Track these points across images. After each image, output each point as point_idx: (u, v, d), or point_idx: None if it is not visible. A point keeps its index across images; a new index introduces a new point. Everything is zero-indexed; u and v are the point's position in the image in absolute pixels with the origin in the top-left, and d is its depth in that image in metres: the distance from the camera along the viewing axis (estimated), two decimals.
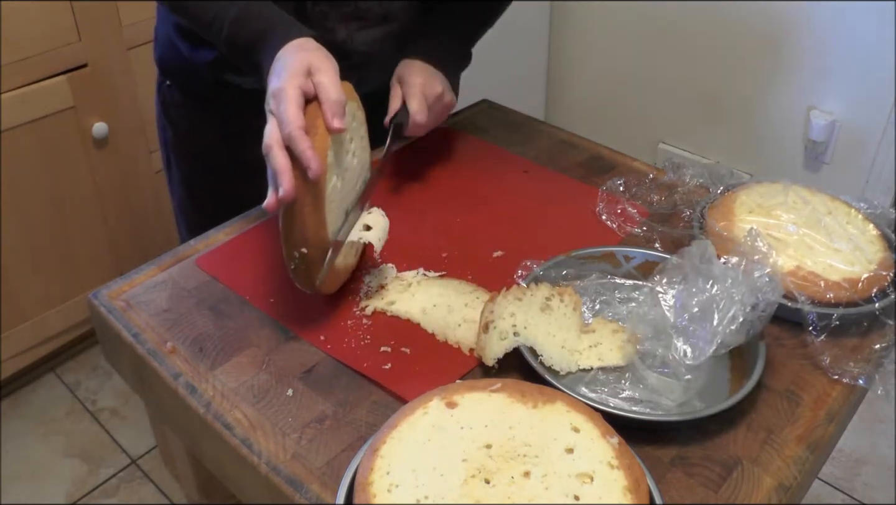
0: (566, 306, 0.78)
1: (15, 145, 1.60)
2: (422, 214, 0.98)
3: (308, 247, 0.76)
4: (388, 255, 0.90)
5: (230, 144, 1.08)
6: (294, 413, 0.72)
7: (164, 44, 1.11)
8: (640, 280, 0.85)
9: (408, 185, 1.04)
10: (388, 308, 0.83)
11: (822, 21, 1.95)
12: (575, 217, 0.98)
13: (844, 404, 0.75)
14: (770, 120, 2.16)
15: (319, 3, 0.97)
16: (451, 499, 0.57)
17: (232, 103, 1.07)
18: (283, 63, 0.79)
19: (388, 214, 0.85)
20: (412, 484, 0.58)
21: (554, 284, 0.80)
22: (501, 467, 0.59)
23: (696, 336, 0.73)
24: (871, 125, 1.99)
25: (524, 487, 0.58)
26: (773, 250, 0.77)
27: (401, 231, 0.93)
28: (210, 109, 1.11)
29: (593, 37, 2.42)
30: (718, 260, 0.75)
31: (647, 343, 0.75)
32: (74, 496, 1.70)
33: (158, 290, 0.86)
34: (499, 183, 1.05)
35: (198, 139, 1.15)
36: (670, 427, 0.71)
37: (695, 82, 2.25)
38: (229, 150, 1.09)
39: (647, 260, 0.86)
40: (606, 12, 2.34)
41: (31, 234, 1.71)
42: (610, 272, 0.87)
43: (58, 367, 1.98)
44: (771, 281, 0.73)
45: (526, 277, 0.83)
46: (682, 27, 2.20)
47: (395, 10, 1.02)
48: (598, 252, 0.87)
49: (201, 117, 1.12)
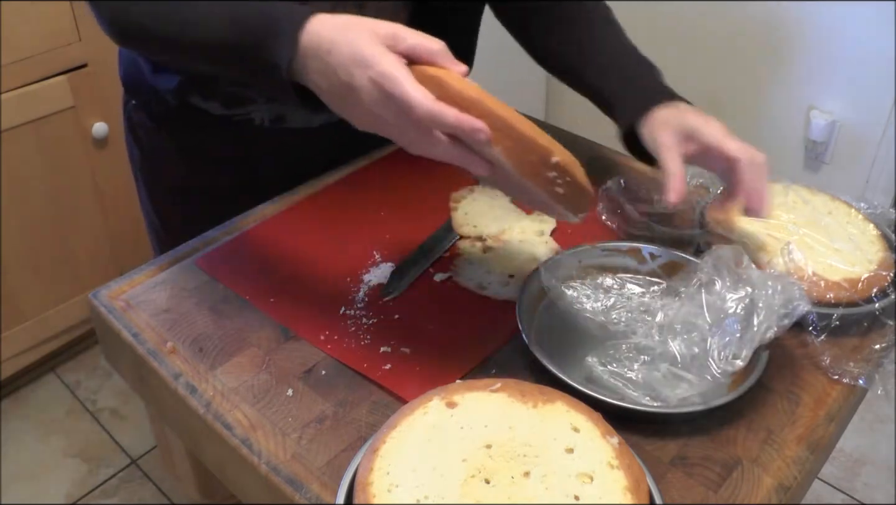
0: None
1: (15, 145, 1.61)
2: (422, 214, 0.98)
3: (555, 150, 0.63)
4: (388, 254, 0.90)
5: (198, 169, 1.04)
6: (294, 413, 0.72)
7: (128, 62, 1.03)
8: (664, 279, 0.84)
9: (406, 186, 1.04)
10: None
11: (822, 21, 1.95)
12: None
13: (844, 404, 0.75)
14: (770, 120, 2.15)
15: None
16: (450, 499, 0.57)
17: (199, 129, 1.00)
18: (345, 50, 0.62)
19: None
20: (412, 484, 0.58)
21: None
22: (501, 467, 0.59)
23: (734, 340, 0.72)
24: (871, 125, 1.99)
25: (524, 487, 0.58)
26: (808, 263, 0.79)
27: (401, 231, 0.94)
28: (175, 134, 1.04)
29: None
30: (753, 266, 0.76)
31: (680, 340, 0.75)
32: (74, 496, 1.70)
33: (158, 290, 0.86)
34: None
35: (163, 162, 1.07)
36: (673, 420, 0.71)
37: (695, 82, 2.24)
38: (196, 175, 1.04)
39: (671, 260, 0.86)
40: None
41: (31, 235, 1.71)
42: (633, 268, 0.87)
43: (58, 367, 1.99)
44: (802, 292, 0.74)
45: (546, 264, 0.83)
46: (682, 27, 2.20)
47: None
48: (623, 246, 0.87)
49: (167, 140, 1.05)
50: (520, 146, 0.62)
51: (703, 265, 0.78)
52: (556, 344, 0.78)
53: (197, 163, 1.03)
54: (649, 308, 0.79)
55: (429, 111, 0.58)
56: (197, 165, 1.04)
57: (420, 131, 0.61)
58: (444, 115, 0.58)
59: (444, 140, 0.60)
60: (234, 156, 1.03)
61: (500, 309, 0.83)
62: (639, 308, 0.80)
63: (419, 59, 0.62)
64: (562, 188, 0.65)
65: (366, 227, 0.95)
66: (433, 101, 0.59)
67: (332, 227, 0.95)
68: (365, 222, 0.96)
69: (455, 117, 0.59)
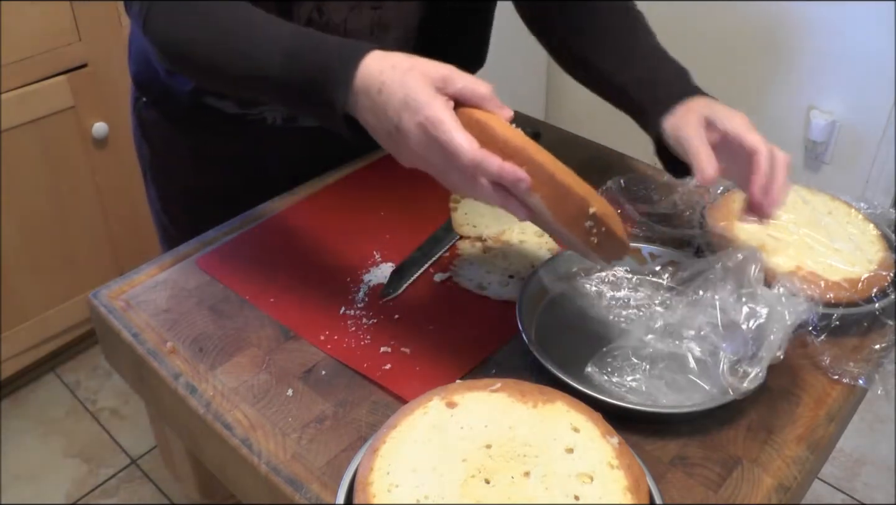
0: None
1: (15, 145, 1.61)
2: (422, 214, 0.98)
3: (593, 202, 0.66)
4: (388, 254, 0.90)
5: (208, 169, 1.04)
6: (294, 413, 0.72)
7: (140, 60, 1.02)
8: (669, 279, 0.84)
9: (406, 186, 1.03)
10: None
11: (822, 21, 1.95)
12: None
13: (844, 404, 0.75)
14: (770, 120, 2.15)
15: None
16: (451, 499, 0.57)
17: (212, 128, 1.00)
18: (396, 92, 0.63)
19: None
20: (412, 484, 0.58)
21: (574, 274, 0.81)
22: (501, 467, 0.59)
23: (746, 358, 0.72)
24: (871, 125, 1.99)
25: (524, 486, 0.58)
26: (822, 281, 0.80)
27: (401, 231, 0.94)
28: (188, 133, 1.03)
29: None
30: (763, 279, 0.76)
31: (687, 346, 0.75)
32: (74, 496, 1.70)
33: (158, 290, 0.86)
34: None
35: (175, 160, 1.07)
36: (673, 420, 0.71)
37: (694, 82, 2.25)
38: (207, 174, 1.05)
39: (671, 260, 0.86)
40: None
41: (31, 235, 1.71)
42: (634, 268, 0.86)
43: (58, 367, 1.98)
44: (812, 306, 0.74)
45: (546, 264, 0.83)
46: (682, 27, 2.20)
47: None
48: None
49: (179, 139, 1.05)
50: (559, 195, 0.64)
51: (714, 269, 0.77)
52: (556, 344, 0.78)
53: (207, 162, 1.03)
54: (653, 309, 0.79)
55: (473, 159, 0.60)
56: (207, 164, 1.04)
57: (464, 176, 0.62)
58: (488, 163, 0.60)
59: (486, 186, 0.62)
60: (245, 154, 1.04)
61: (500, 309, 0.83)
62: (643, 308, 0.80)
63: (467, 101, 0.64)
64: (597, 238, 0.67)
65: (366, 227, 0.95)
66: (478, 148, 0.60)
67: (332, 227, 0.95)
68: (365, 222, 0.96)
69: (498, 167, 0.60)
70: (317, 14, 0.87)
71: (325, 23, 0.88)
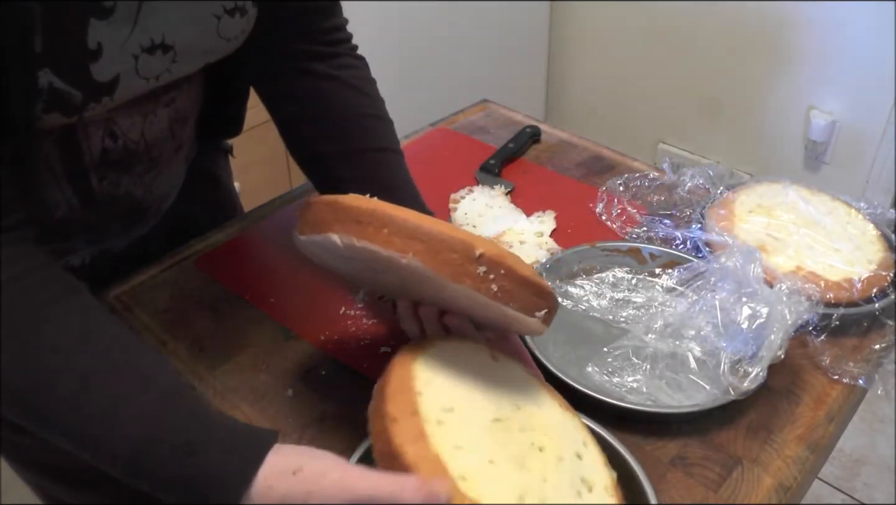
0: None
1: None
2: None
3: (478, 244, 0.58)
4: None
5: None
6: (294, 413, 0.72)
7: None
8: (669, 279, 0.83)
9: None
10: None
11: (822, 21, 1.96)
12: (575, 217, 0.98)
13: (844, 404, 0.75)
14: (770, 120, 2.16)
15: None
16: (478, 412, 0.56)
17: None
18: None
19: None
20: (434, 395, 0.56)
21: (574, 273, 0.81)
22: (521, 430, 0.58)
23: (746, 358, 0.72)
24: (871, 125, 1.99)
25: (540, 459, 0.56)
26: (822, 281, 0.80)
27: None
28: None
29: (593, 37, 2.42)
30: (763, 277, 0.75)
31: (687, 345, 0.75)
32: None
33: (158, 290, 0.86)
34: None
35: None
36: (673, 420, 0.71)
37: (695, 82, 2.25)
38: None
39: (671, 260, 0.85)
40: (606, 12, 2.34)
41: None
42: (634, 268, 0.87)
43: None
44: (812, 305, 0.74)
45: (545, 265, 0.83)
46: (683, 27, 2.20)
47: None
48: (623, 246, 0.87)
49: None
50: (433, 248, 0.57)
51: (713, 269, 0.77)
52: (556, 344, 0.78)
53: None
54: (654, 309, 0.79)
55: None
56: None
57: None
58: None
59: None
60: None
61: None
62: (643, 308, 0.80)
63: None
64: (496, 283, 0.57)
65: None
66: None
67: None
68: None
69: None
70: (110, 141, 0.72)
71: (123, 147, 0.73)
